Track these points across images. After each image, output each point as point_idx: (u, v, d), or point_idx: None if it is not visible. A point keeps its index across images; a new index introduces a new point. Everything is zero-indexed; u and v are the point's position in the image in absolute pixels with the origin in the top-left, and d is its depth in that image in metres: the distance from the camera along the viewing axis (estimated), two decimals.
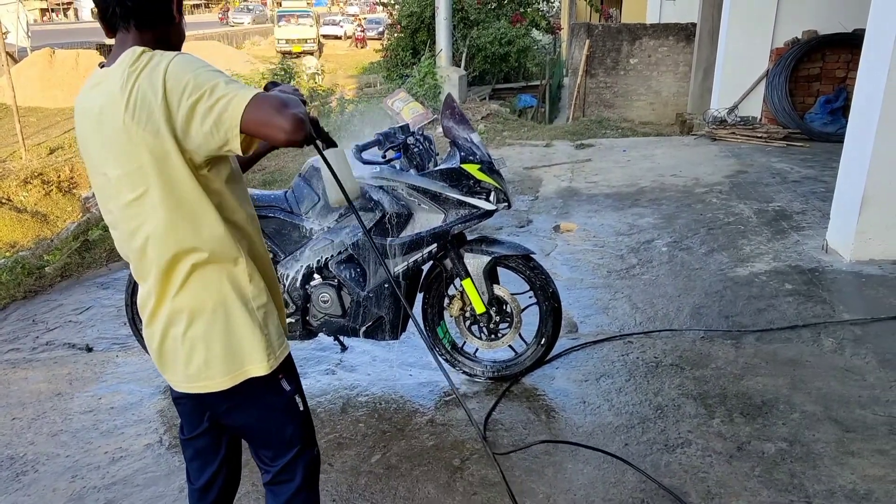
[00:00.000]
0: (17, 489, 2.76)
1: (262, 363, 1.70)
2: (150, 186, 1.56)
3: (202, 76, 1.49)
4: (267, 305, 1.74)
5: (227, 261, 1.66)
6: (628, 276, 4.63)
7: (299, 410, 1.82)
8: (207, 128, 1.48)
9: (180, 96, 1.48)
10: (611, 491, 2.56)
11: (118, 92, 1.52)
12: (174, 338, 1.69)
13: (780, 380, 3.24)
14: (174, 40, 1.70)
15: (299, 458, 1.84)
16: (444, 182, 3.03)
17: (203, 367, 1.68)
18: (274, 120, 1.45)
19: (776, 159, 7.63)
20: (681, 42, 12.67)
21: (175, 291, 1.65)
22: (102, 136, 1.57)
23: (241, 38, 37.88)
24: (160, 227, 1.60)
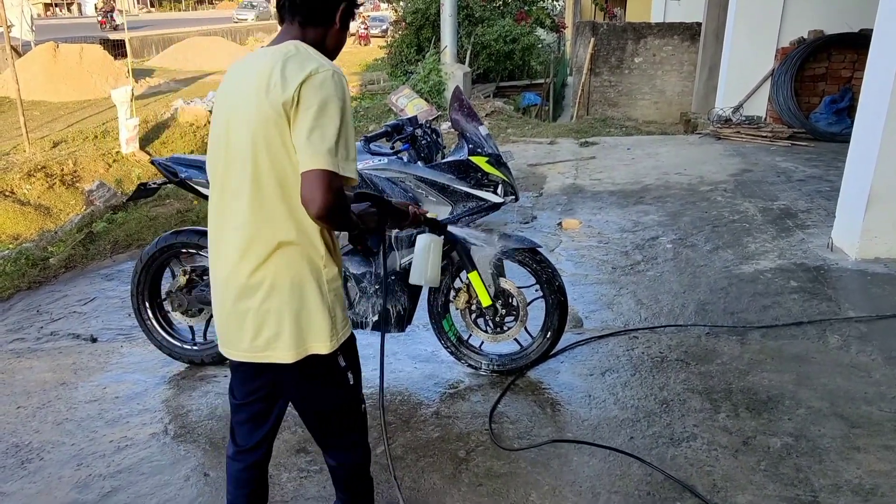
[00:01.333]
0: (23, 476, 2.76)
1: (325, 342, 1.83)
2: (260, 159, 1.71)
3: (324, 116, 1.66)
4: (338, 289, 1.87)
5: (309, 244, 1.78)
6: (633, 273, 4.63)
7: (350, 385, 1.97)
8: (297, 141, 1.68)
9: (303, 110, 1.66)
10: (616, 483, 2.56)
11: (269, 65, 1.70)
12: (246, 309, 1.80)
13: (786, 376, 3.23)
14: (330, 44, 1.87)
15: (345, 423, 2.02)
16: (451, 174, 3.03)
17: (272, 339, 1.80)
18: (309, 195, 1.65)
19: (781, 158, 7.62)
20: (686, 41, 12.66)
21: (257, 265, 1.76)
22: (243, 97, 1.74)
23: (245, 35, 37.87)
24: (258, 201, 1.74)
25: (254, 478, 2.10)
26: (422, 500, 2.52)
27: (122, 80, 18.01)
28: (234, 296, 1.81)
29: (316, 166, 1.64)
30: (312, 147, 1.65)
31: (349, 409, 2.01)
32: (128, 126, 12.84)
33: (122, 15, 19.52)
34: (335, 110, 1.67)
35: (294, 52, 1.73)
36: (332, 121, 1.67)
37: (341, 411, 2.00)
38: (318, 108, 1.66)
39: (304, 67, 1.68)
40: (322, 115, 1.66)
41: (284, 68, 1.68)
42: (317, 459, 2.77)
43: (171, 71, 25.19)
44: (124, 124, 12.88)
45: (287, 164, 1.71)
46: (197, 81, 23.04)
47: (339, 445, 2.06)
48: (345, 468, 2.09)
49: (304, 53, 1.73)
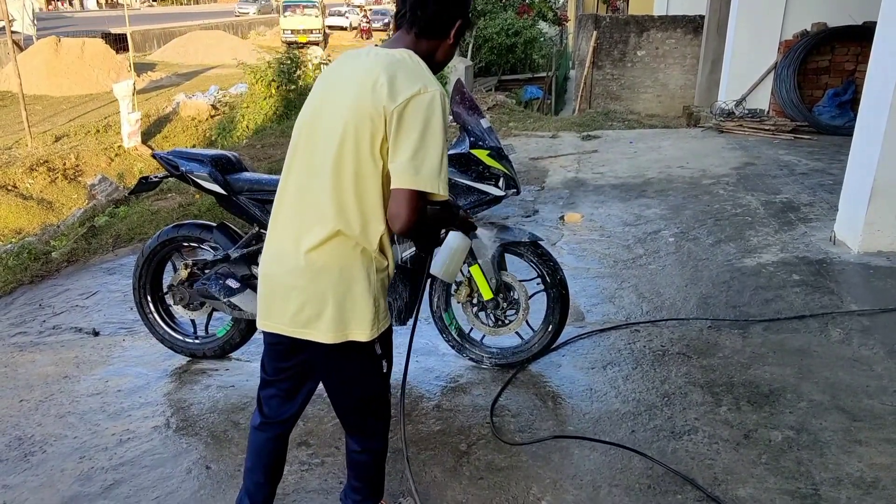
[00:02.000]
0: (26, 469, 2.77)
1: (366, 331, 1.88)
2: (346, 148, 1.77)
3: (428, 136, 1.73)
4: (384, 280, 1.92)
5: (365, 239, 1.83)
6: (635, 266, 4.62)
7: (383, 372, 2.03)
8: (396, 158, 1.75)
9: (407, 128, 1.72)
10: (617, 477, 2.56)
11: (382, 66, 1.77)
12: (294, 285, 1.86)
13: (788, 369, 3.23)
14: (440, 56, 1.94)
15: (373, 408, 2.07)
16: (453, 167, 3.02)
17: (314, 318, 1.85)
18: (398, 211, 1.73)
19: (784, 152, 7.60)
20: (688, 34, 12.61)
21: (314, 245, 1.82)
22: (342, 88, 1.81)
23: (247, 28, 37.82)
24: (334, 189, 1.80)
25: (275, 449, 2.17)
26: (423, 493, 2.52)
27: (124, 75, 18.00)
28: (286, 270, 1.86)
29: (410, 186, 1.72)
30: (413, 166, 1.71)
31: (379, 397, 2.07)
32: (130, 120, 12.87)
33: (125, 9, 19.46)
34: (439, 131, 1.74)
35: (407, 61, 1.81)
36: (435, 142, 1.73)
37: (372, 397, 2.06)
38: (423, 128, 1.72)
39: (414, 82, 1.75)
40: (427, 136, 1.73)
41: (396, 75, 1.75)
42: (318, 453, 2.78)
43: (173, 65, 25.18)
44: (126, 118, 12.90)
45: (368, 162, 1.77)
46: (199, 75, 23.02)
47: (365, 431, 2.11)
48: (367, 454, 2.14)
49: (416, 65, 1.81)
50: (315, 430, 2.93)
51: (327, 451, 2.78)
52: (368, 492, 2.22)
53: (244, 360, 3.59)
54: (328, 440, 2.86)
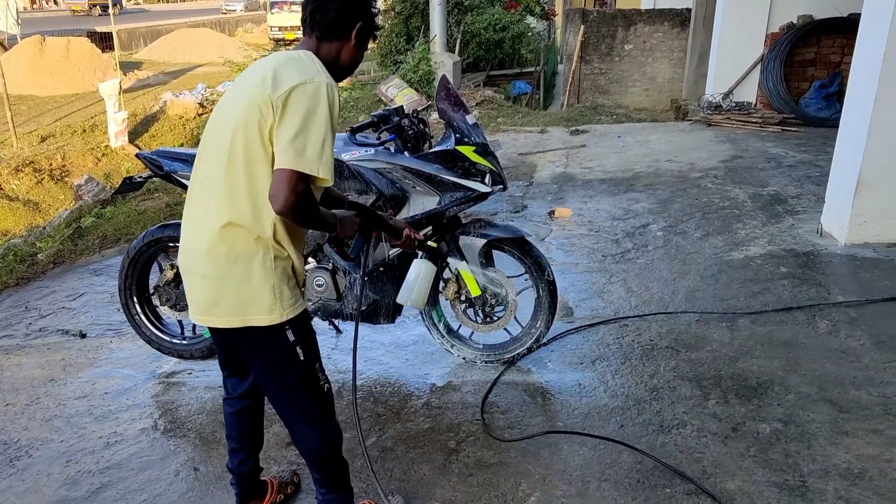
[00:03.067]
0: (12, 474, 2.74)
1: (265, 315, 1.94)
2: (237, 139, 1.85)
3: (311, 122, 1.80)
4: (286, 269, 1.97)
5: (260, 228, 1.90)
6: (623, 261, 4.63)
7: (300, 360, 2.04)
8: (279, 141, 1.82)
9: (290, 113, 1.79)
10: (607, 472, 2.57)
11: (274, 63, 1.87)
12: (195, 273, 1.97)
13: (775, 361, 3.24)
14: (344, 59, 2.03)
15: (295, 397, 2.09)
16: (438, 164, 3.01)
17: (213, 304, 1.96)
18: (277, 191, 1.78)
19: (771, 144, 7.63)
20: (675, 28, 12.63)
21: (211, 234, 1.90)
22: (249, 92, 1.87)
23: (234, 26, 37.59)
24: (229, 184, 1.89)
25: (243, 420, 2.33)
26: (412, 490, 2.52)
27: (110, 73, 17.85)
28: (192, 260, 1.97)
29: (288, 166, 1.78)
30: (292, 148, 1.78)
31: (299, 385, 2.08)
32: (116, 119, 12.76)
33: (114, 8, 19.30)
34: (322, 119, 1.81)
35: (299, 58, 1.90)
36: (317, 128, 1.80)
37: (291, 385, 2.08)
38: (307, 114, 1.79)
39: (301, 74, 1.83)
40: (310, 122, 1.79)
41: (283, 69, 1.85)
42: None
43: (160, 63, 24.99)
44: (113, 118, 12.78)
45: (258, 148, 1.84)
46: (186, 73, 22.87)
47: (292, 420, 2.14)
48: (306, 444, 2.15)
49: (307, 61, 1.90)
50: None
51: None
52: (330, 484, 2.23)
53: None
54: None
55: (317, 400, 2.12)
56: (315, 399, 2.11)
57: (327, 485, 2.23)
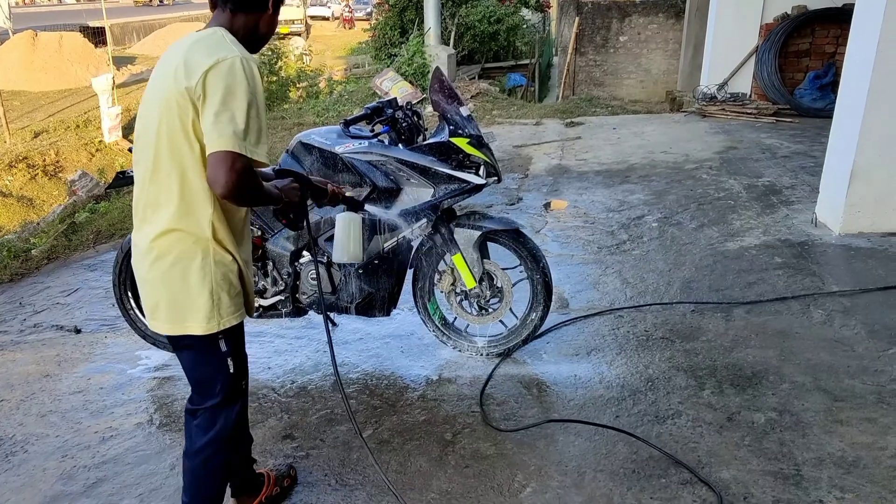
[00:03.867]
0: (7, 469, 2.74)
1: (202, 324, 1.91)
2: (161, 141, 1.81)
3: (231, 98, 1.73)
4: (227, 274, 1.93)
5: (197, 227, 1.86)
6: (619, 252, 4.63)
7: (229, 371, 2.03)
8: (205, 126, 1.75)
9: (209, 97, 1.73)
10: (602, 462, 2.57)
11: (185, 49, 1.79)
12: (141, 277, 1.95)
13: (770, 351, 3.25)
14: (263, 28, 1.94)
15: (216, 411, 2.05)
16: (432, 156, 3.00)
17: (155, 309, 1.94)
18: (214, 175, 1.74)
19: (766, 135, 7.63)
20: (670, 19, 12.62)
21: (150, 237, 1.88)
22: (160, 76, 1.82)
23: None
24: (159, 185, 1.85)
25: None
26: (408, 483, 2.52)
27: (103, 69, 17.76)
28: (137, 263, 1.95)
29: (221, 148, 1.72)
30: (218, 130, 1.72)
31: (221, 400, 2.04)
32: (110, 115, 12.70)
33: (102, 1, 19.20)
34: (243, 95, 1.74)
35: (207, 38, 1.81)
36: (239, 105, 1.74)
37: (217, 396, 2.03)
38: (225, 93, 1.73)
39: (211, 55, 1.75)
40: (229, 100, 1.73)
41: (191, 56, 1.77)
42: (303, 445, 2.76)
43: (153, 58, 24.82)
44: (106, 113, 12.73)
45: (186, 149, 1.79)
46: None
47: (197, 435, 2.08)
48: (200, 454, 2.08)
49: (217, 40, 1.81)
50: (299, 423, 2.92)
51: (312, 444, 2.77)
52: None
53: None
54: (313, 433, 2.84)
55: (231, 399, 2.06)
56: (230, 398, 2.05)
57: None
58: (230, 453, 2.14)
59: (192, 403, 2.10)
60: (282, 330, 3.79)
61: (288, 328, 3.80)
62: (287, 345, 3.63)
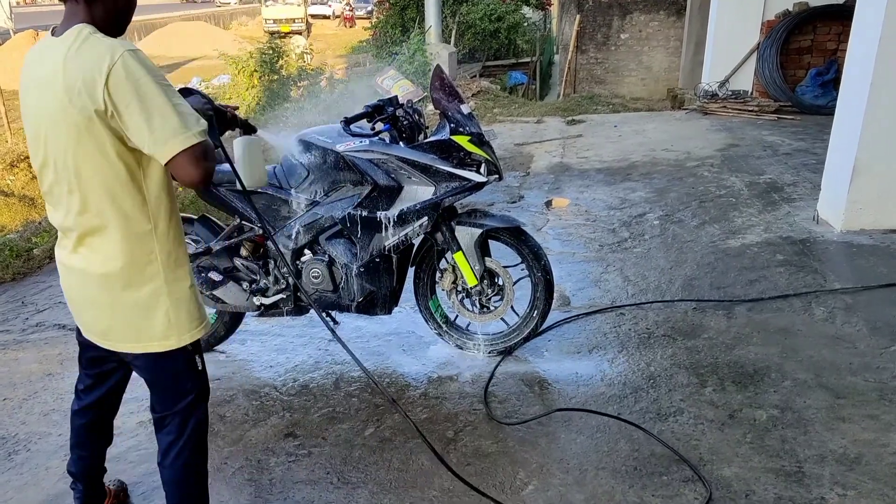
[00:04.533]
0: (10, 468, 2.75)
1: (161, 342, 1.89)
2: (81, 168, 1.73)
3: (147, 97, 1.63)
4: (181, 294, 1.89)
5: (141, 250, 1.82)
6: (620, 250, 4.63)
7: (198, 369, 2.02)
8: (138, 143, 1.68)
9: (125, 106, 1.63)
10: (604, 460, 2.57)
11: (61, 65, 1.66)
12: (85, 299, 1.91)
13: (772, 349, 3.25)
14: (123, 9, 1.81)
15: (190, 410, 2.02)
16: (433, 154, 3.00)
17: (108, 330, 1.91)
18: (184, 176, 1.68)
19: (767, 132, 7.62)
20: (671, 16, 12.60)
21: (91, 258, 1.84)
22: (45, 102, 1.71)
23: (229, 19, 37.45)
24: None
25: (94, 430, 2.29)
26: (410, 481, 2.52)
27: None
28: (72, 283, 1.92)
29: (176, 151, 1.65)
30: (161, 135, 1.64)
31: (197, 398, 2.04)
32: None
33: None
34: (151, 87, 1.64)
35: (77, 46, 1.66)
36: (156, 99, 1.64)
37: (185, 394, 2.01)
38: (139, 98, 1.63)
39: (99, 64, 1.62)
40: (147, 101, 1.63)
41: (73, 71, 1.63)
42: (305, 443, 2.77)
43: (155, 57, 24.81)
44: None
45: (107, 168, 1.71)
46: (181, 67, 22.77)
47: (181, 435, 2.05)
48: (178, 461, 2.06)
49: (91, 45, 1.66)
50: (301, 422, 2.92)
51: (314, 442, 2.77)
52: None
53: (230, 354, 3.57)
54: (315, 431, 2.85)
55: (202, 397, 2.06)
56: (200, 396, 2.05)
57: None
58: (206, 451, 2.12)
59: (157, 412, 2.05)
60: (283, 329, 3.79)
61: (289, 326, 3.80)
62: (288, 343, 3.63)
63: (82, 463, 2.31)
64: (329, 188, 3.11)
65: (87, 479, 2.33)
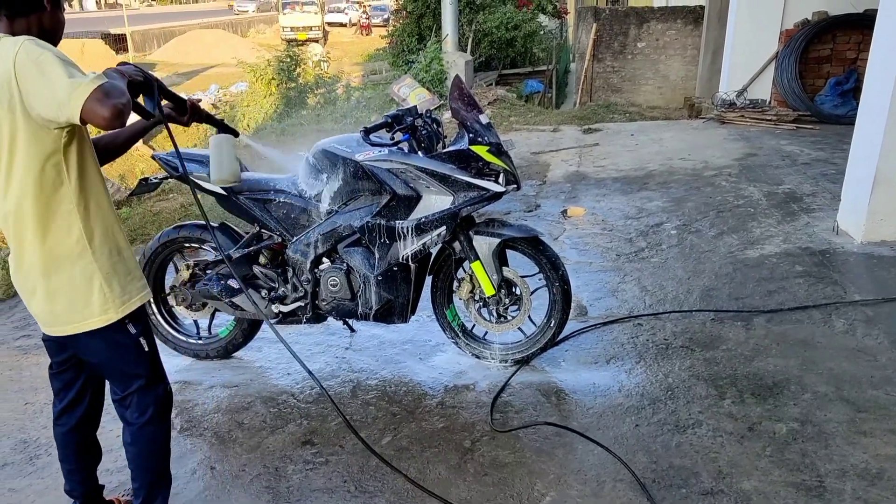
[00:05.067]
0: (31, 472, 2.78)
1: (100, 317, 1.98)
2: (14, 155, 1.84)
3: (47, 69, 1.71)
4: (111, 268, 1.99)
5: (66, 229, 1.92)
6: (637, 259, 4.61)
7: (144, 350, 2.11)
8: (51, 115, 1.75)
9: (32, 83, 1.72)
10: (622, 472, 2.56)
11: None
12: (27, 290, 2.01)
13: (791, 361, 3.22)
14: (49, 28, 1.91)
15: (145, 392, 2.14)
16: (452, 164, 3.01)
17: (52, 315, 2.00)
18: (100, 119, 1.68)
19: (786, 142, 7.57)
20: (689, 25, 12.56)
21: (20, 245, 1.95)
22: None
23: (246, 27, 37.79)
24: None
25: (77, 439, 2.32)
26: (428, 489, 2.52)
27: None
28: (20, 279, 2.02)
29: (81, 100, 1.67)
30: (65, 95, 1.68)
31: (149, 381, 2.14)
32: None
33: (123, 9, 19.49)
34: (51, 60, 1.71)
35: None
36: (56, 69, 1.70)
37: (135, 377, 2.12)
38: (41, 72, 1.71)
39: (6, 59, 1.73)
40: (48, 72, 1.70)
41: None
42: (322, 451, 2.78)
43: (174, 64, 25.16)
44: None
45: (33, 152, 1.81)
46: (199, 74, 23.02)
47: (137, 416, 2.16)
48: (135, 444, 2.20)
49: (1, 44, 1.76)
50: (319, 430, 2.93)
51: (331, 450, 2.78)
52: (149, 495, 2.26)
53: (247, 361, 3.59)
54: (332, 439, 2.86)
55: (155, 378, 2.16)
56: (153, 377, 2.15)
57: (149, 491, 2.25)
58: (169, 426, 2.25)
59: (116, 394, 2.16)
60: (300, 336, 3.81)
61: (306, 334, 3.82)
62: (306, 350, 3.65)
63: (72, 478, 2.35)
64: (348, 197, 3.13)
65: (80, 495, 2.36)
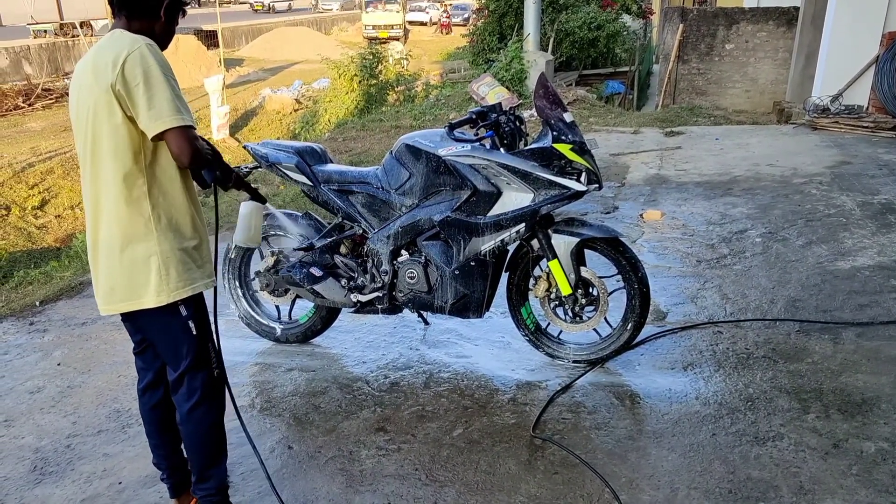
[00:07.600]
0: (123, 440, 2.95)
1: (154, 297, 2.10)
2: (96, 135, 2.02)
3: (152, 81, 1.94)
4: (171, 253, 2.10)
5: (137, 212, 2.06)
6: (719, 266, 4.48)
7: (192, 334, 2.20)
8: (138, 120, 1.97)
9: (134, 84, 1.93)
10: (696, 480, 2.51)
11: (93, 52, 2.02)
12: (93, 264, 2.15)
13: (883, 378, 3.07)
14: (160, 35, 2.12)
15: (193, 375, 2.23)
16: (534, 161, 3.01)
17: (111, 293, 2.13)
18: (180, 149, 1.98)
19: (883, 150, 7.19)
20: (781, 27, 12.09)
21: (96, 226, 2.10)
22: (86, 96, 2.01)
23: (330, 25, 38.65)
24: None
25: (160, 416, 2.41)
26: (497, 484, 2.54)
27: (215, 70, 18.72)
28: (91, 254, 2.15)
29: (170, 126, 1.94)
30: (157, 112, 1.93)
31: (191, 356, 2.21)
32: (219, 113, 13.39)
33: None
34: (158, 74, 1.94)
35: (108, 40, 2.01)
36: (160, 84, 1.94)
37: (183, 357, 2.21)
38: (146, 79, 1.93)
39: (119, 51, 1.94)
40: (151, 84, 1.93)
41: (101, 57, 1.97)
42: (395, 438, 2.83)
43: (260, 60, 26.00)
44: (216, 112, 13.44)
45: (119, 139, 1.99)
46: (283, 70, 23.71)
47: (186, 396, 2.25)
48: (187, 425, 2.28)
49: (118, 38, 1.99)
50: (392, 417, 2.99)
51: (403, 438, 2.83)
52: (205, 471, 2.34)
53: (325, 347, 3.69)
54: (404, 427, 2.91)
55: (202, 361, 2.24)
56: (200, 360, 2.23)
57: (201, 470, 2.32)
58: (221, 410, 2.35)
59: (171, 375, 2.27)
60: (374, 326, 3.88)
61: (380, 325, 3.89)
62: (381, 340, 3.72)
63: (158, 452, 2.45)
64: (429, 191, 3.17)
65: (169, 468, 2.45)
